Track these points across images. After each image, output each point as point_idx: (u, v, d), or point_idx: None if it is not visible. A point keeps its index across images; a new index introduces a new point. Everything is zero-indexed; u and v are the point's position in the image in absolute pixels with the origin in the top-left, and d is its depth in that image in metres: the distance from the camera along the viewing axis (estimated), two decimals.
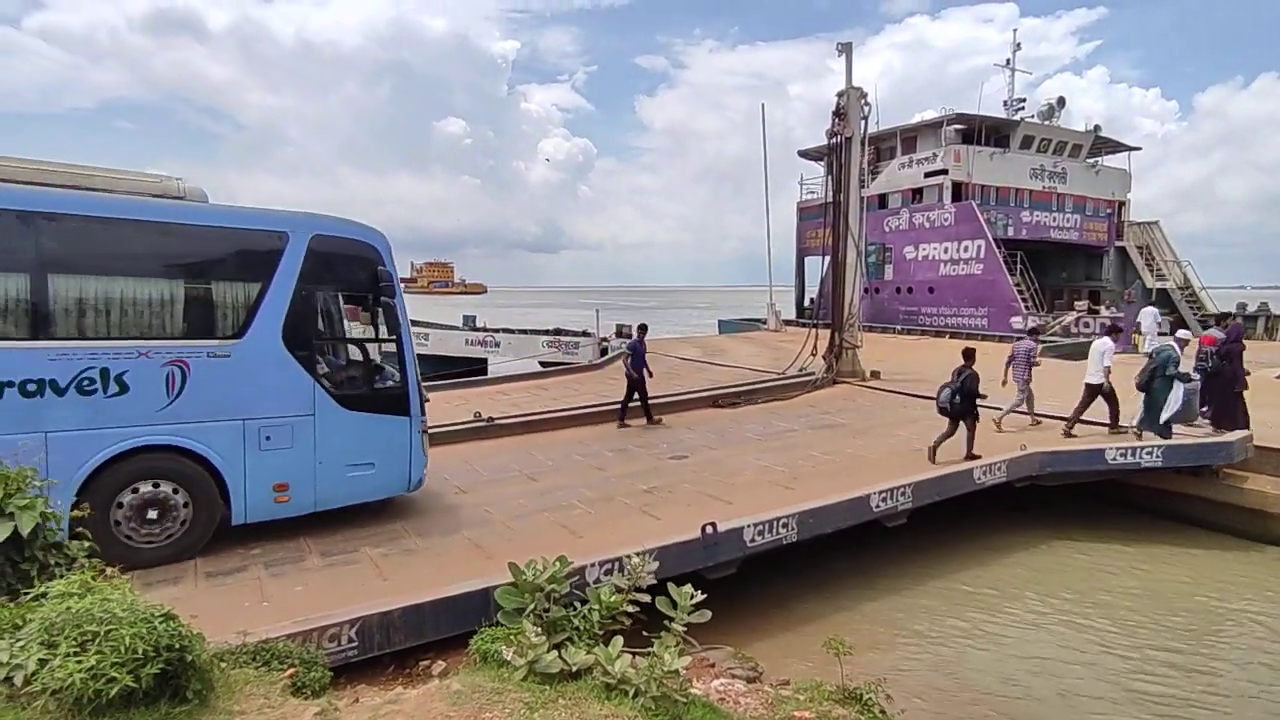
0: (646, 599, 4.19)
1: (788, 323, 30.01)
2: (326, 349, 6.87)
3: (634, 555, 4.49)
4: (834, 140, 16.54)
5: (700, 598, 4.00)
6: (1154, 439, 9.47)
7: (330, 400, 6.54)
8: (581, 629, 4.00)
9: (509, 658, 3.58)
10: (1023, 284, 26.46)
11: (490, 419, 11.31)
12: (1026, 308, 25.66)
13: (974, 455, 9.00)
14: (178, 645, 2.95)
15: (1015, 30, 31.73)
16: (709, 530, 6.25)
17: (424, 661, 4.91)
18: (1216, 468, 9.33)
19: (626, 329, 26.18)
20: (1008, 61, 31.34)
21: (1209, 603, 7.40)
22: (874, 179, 29.23)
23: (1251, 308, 28.48)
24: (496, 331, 26.23)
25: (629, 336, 24.88)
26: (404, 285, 7.17)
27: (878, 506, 7.57)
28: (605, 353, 22.43)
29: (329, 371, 6.73)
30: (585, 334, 25.11)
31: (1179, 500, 9.66)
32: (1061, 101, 30.41)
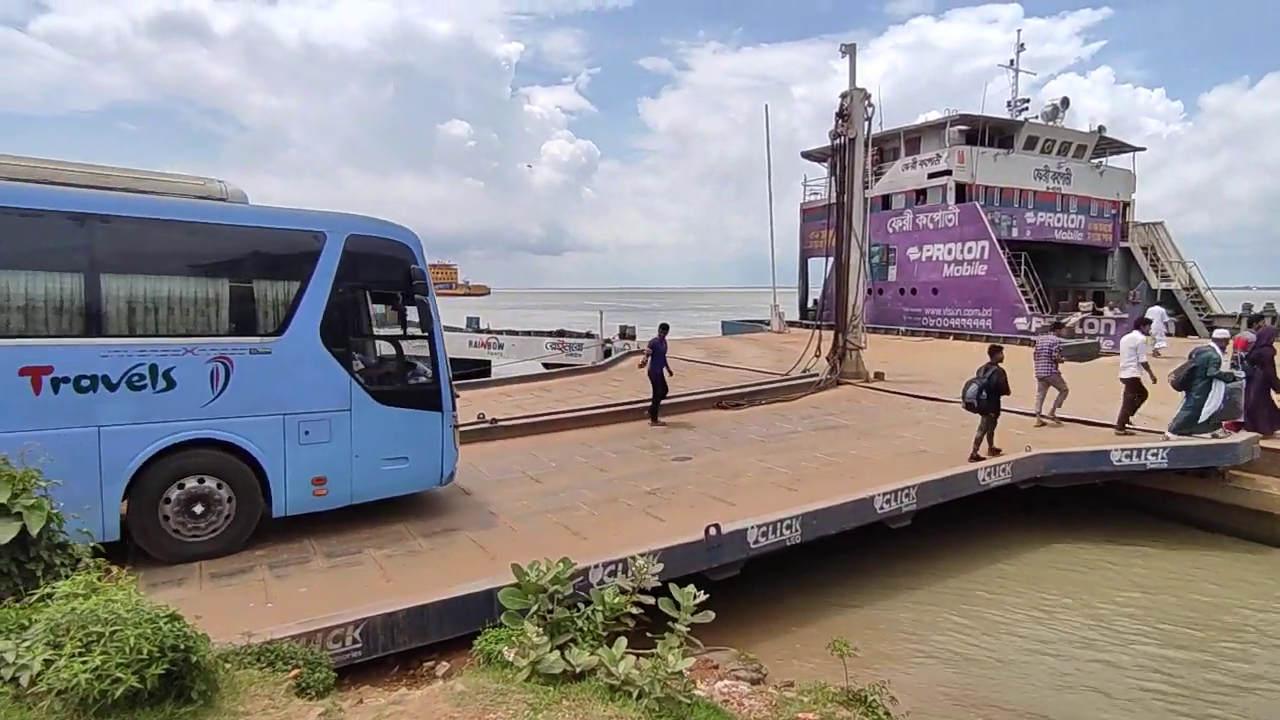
0: (650, 600, 4.18)
1: (791, 324, 29.97)
2: (362, 346, 7.04)
3: (638, 556, 4.48)
4: (837, 141, 16.53)
5: (703, 598, 4.00)
6: (1160, 440, 9.43)
7: (366, 396, 6.71)
8: (585, 630, 4.00)
9: (511, 658, 3.58)
10: (1027, 285, 26.37)
11: (494, 420, 11.32)
12: (1031, 309, 25.56)
13: (995, 450, 9.15)
14: (183, 646, 2.95)
15: (1019, 31, 31.68)
16: (713, 532, 6.25)
17: (428, 662, 4.91)
18: (1222, 469, 9.29)
19: (629, 330, 26.19)
20: (1012, 62, 31.27)
21: (1216, 605, 7.36)
22: (877, 180, 29.17)
23: (1257, 308, 28.35)
24: (500, 333, 26.26)
25: (632, 338, 24.93)
26: None
27: (882, 508, 7.55)
28: (609, 354, 22.43)
29: (364, 368, 6.92)
30: (589, 335, 25.11)
31: (1185, 502, 9.62)
32: (1066, 102, 30.30)
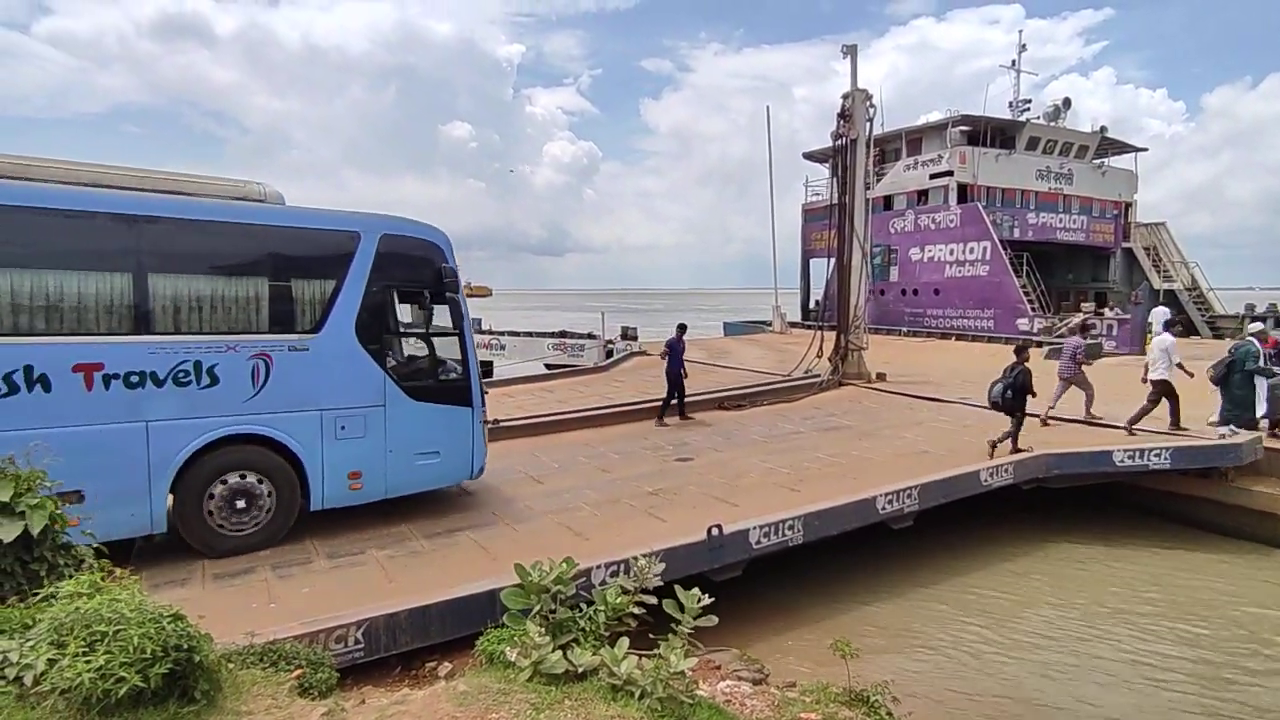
0: (653, 601, 4.19)
1: (793, 325, 29.97)
2: (395, 343, 7.19)
3: (640, 557, 4.48)
4: (839, 142, 16.50)
5: (707, 601, 4.00)
6: (1162, 440, 9.43)
7: (399, 391, 6.87)
8: (587, 630, 4.00)
9: (513, 659, 3.58)
10: (1029, 285, 26.34)
11: (496, 421, 11.31)
12: (1033, 309, 25.54)
13: (1019, 449, 9.15)
14: (186, 645, 2.96)
15: (1021, 31, 31.64)
16: (715, 532, 6.25)
17: (430, 663, 4.92)
18: (1225, 470, 9.27)
19: (631, 331, 26.19)
20: (1013, 63, 31.23)
21: (1220, 606, 7.34)
22: (879, 181, 29.14)
23: (1260, 308, 28.30)
24: (502, 334, 26.27)
25: (634, 339, 24.93)
26: None
27: (884, 508, 7.55)
28: (610, 355, 22.43)
29: (397, 364, 7.08)
30: (591, 336, 25.12)
31: (1187, 503, 9.59)
32: (1067, 102, 30.26)
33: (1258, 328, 10.49)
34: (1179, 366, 10.05)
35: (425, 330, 7.33)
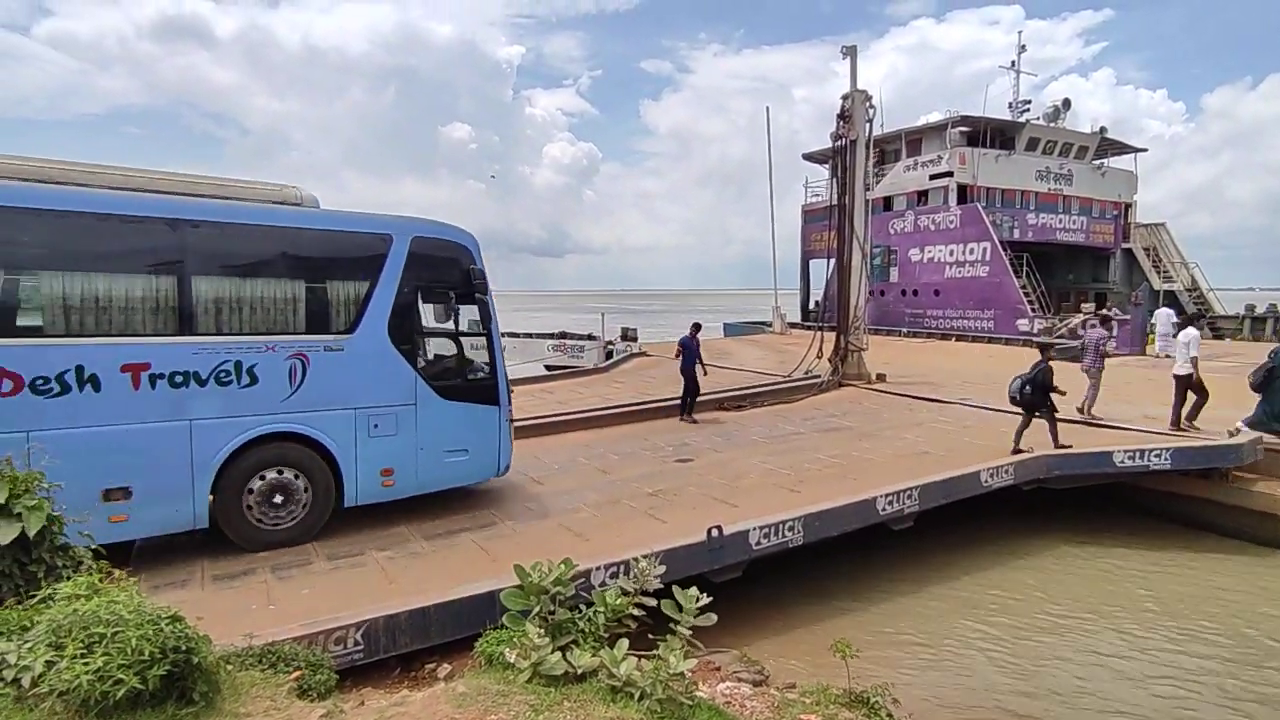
0: (652, 602, 4.18)
1: (793, 325, 29.96)
2: (426, 343, 7.30)
3: (640, 558, 4.47)
4: (838, 143, 16.52)
5: (706, 601, 3.99)
6: (1163, 441, 9.41)
7: (430, 391, 7.05)
8: (587, 631, 3.99)
9: (512, 660, 3.58)
10: (1029, 286, 26.34)
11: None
12: (1033, 310, 25.54)
13: (1062, 445, 9.20)
14: (184, 647, 2.95)
15: (1020, 32, 31.66)
16: (714, 533, 6.24)
17: (429, 664, 4.91)
18: (1226, 470, 9.27)
19: (631, 332, 26.18)
20: (1013, 64, 31.26)
21: (1220, 607, 7.33)
22: (879, 181, 29.15)
23: (1260, 309, 28.30)
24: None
25: (634, 340, 24.92)
26: None
27: (884, 509, 7.54)
28: (610, 356, 22.42)
29: (428, 364, 7.22)
30: (590, 337, 25.11)
31: (1188, 503, 9.59)
32: (1067, 103, 30.28)
33: None
34: (1193, 362, 9.92)
35: (454, 330, 7.45)
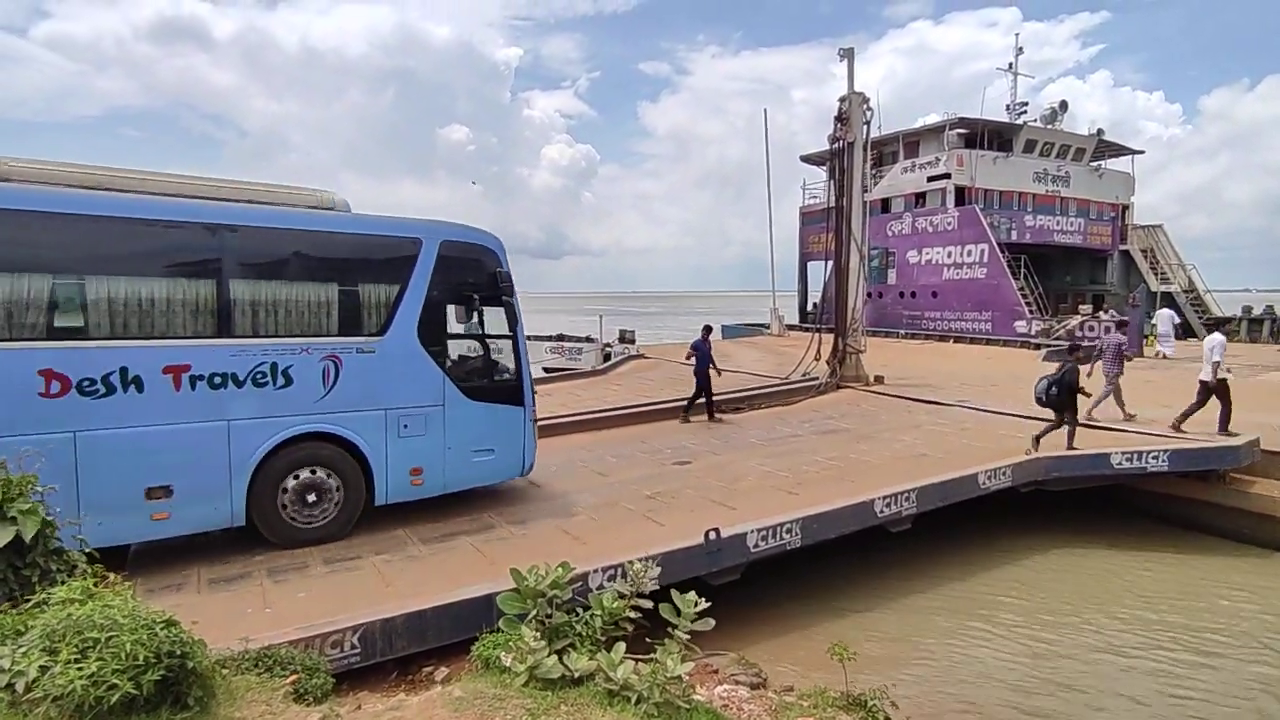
0: (649, 605, 4.17)
1: (791, 327, 30.00)
2: (453, 345, 7.42)
3: (637, 561, 4.46)
4: (836, 145, 16.55)
5: (704, 605, 3.98)
6: (1161, 442, 9.42)
7: (457, 392, 7.17)
8: (584, 635, 3.98)
9: (509, 664, 3.57)
10: (1026, 288, 26.40)
11: None
12: (1030, 312, 25.60)
13: (1074, 448, 9.21)
14: (179, 652, 2.94)
15: (1018, 34, 31.80)
16: (712, 536, 6.23)
17: (426, 668, 4.90)
18: (1223, 472, 9.27)
19: (629, 334, 26.18)
20: (1010, 66, 31.39)
21: (1219, 609, 7.34)
22: (876, 183, 29.22)
23: (1257, 310, 28.37)
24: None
25: (631, 342, 24.93)
26: None
27: (882, 512, 7.54)
28: (608, 358, 22.42)
29: (455, 365, 7.34)
30: (588, 339, 25.11)
31: (1186, 505, 9.59)
32: (1064, 105, 30.42)
33: None
34: (1215, 366, 9.76)
35: (481, 332, 7.56)
